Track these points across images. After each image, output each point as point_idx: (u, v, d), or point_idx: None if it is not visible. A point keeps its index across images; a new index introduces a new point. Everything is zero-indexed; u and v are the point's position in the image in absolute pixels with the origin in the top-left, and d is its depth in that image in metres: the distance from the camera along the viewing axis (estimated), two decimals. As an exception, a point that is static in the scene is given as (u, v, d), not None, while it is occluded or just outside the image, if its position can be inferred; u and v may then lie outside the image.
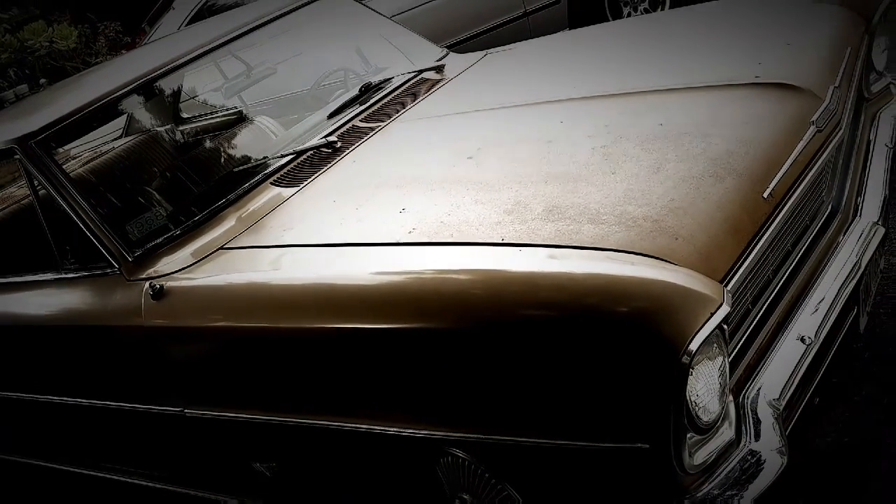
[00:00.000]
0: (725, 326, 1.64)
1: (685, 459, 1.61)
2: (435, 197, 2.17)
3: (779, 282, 2.02)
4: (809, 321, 1.98)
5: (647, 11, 5.87)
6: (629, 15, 5.87)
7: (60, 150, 2.80)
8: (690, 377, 1.56)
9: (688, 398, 1.58)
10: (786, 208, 1.95)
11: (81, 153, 3.96)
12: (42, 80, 6.99)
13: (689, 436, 1.62)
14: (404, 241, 2.01)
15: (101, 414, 2.68)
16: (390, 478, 2.15)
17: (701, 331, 1.55)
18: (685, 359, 1.53)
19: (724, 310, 1.59)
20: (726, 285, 1.71)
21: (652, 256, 1.69)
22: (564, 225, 1.84)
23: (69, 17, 8.82)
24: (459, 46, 5.20)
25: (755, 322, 1.92)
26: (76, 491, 3.38)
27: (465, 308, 1.77)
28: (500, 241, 1.86)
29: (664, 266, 1.66)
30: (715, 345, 1.63)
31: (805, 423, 1.89)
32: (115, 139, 4.10)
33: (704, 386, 1.62)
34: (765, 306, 1.96)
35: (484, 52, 3.37)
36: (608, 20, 5.68)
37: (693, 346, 1.53)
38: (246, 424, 2.23)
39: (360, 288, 1.97)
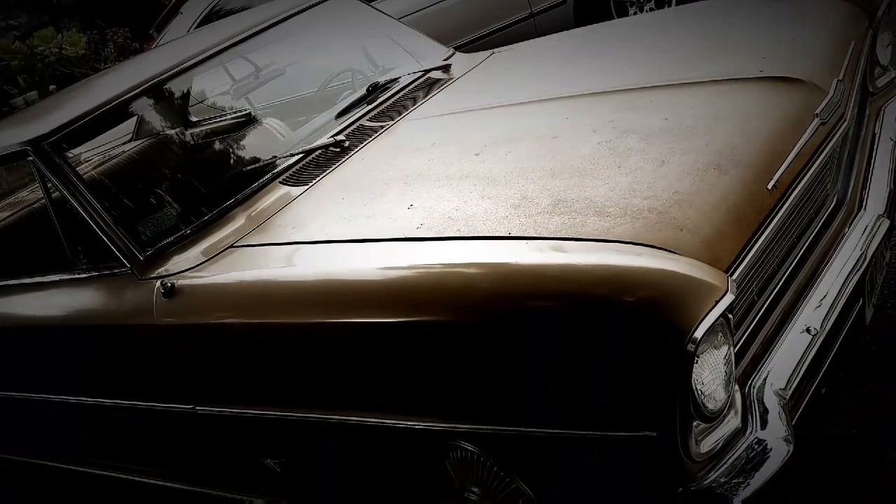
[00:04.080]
0: (731, 316, 1.66)
1: (692, 447, 1.63)
2: (442, 193, 2.19)
3: (784, 273, 2.03)
4: (815, 313, 1.99)
5: (652, 11, 5.89)
6: (635, 14, 5.89)
7: (72, 152, 2.83)
8: (696, 365, 1.58)
9: (694, 386, 1.59)
10: (790, 200, 1.96)
11: (92, 157, 4.00)
12: (52, 87, 7.06)
13: (695, 424, 1.63)
14: (413, 236, 2.03)
15: (114, 413, 2.70)
16: (400, 472, 2.17)
17: (706, 319, 1.56)
18: (690, 347, 1.54)
19: (729, 298, 1.60)
20: (731, 275, 1.72)
21: (657, 247, 1.71)
22: (570, 218, 1.86)
23: (78, 23, 8.89)
24: (466, 47, 5.23)
25: (761, 313, 1.94)
26: (89, 491, 3.40)
27: (473, 301, 1.78)
28: (507, 235, 1.88)
29: (669, 256, 1.68)
30: (720, 334, 1.64)
31: (811, 414, 1.90)
32: (125, 142, 4.14)
33: (710, 374, 1.64)
34: (770, 297, 1.98)
35: (490, 52, 3.39)
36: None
37: (698, 334, 1.55)
38: (256, 420, 2.26)
39: (368, 283, 2.00)
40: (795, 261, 2.08)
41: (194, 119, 4.09)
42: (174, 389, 2.43)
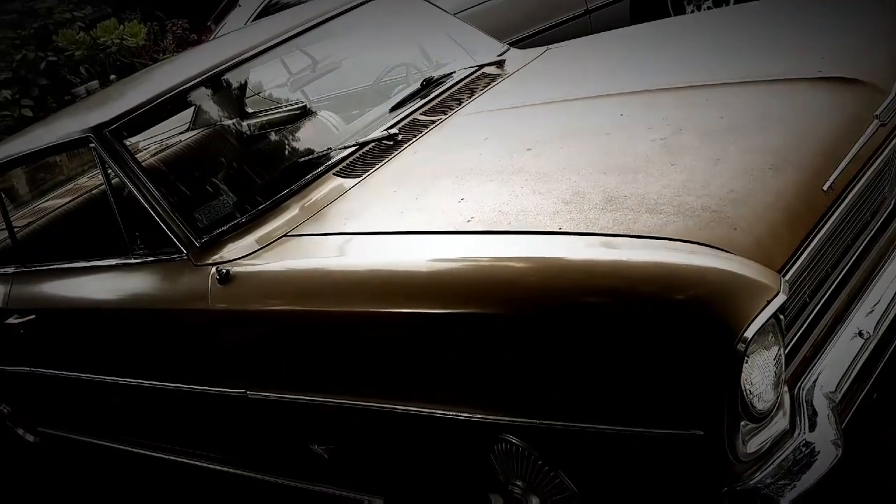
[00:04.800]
0: (782, 316, 1.65)
1: (738, 447, 1.62)
2: (494, 187, 2.21)
3: (837, 276, 2.01)
4: (868, 317, 1.97)
5: (710, 9, 5.81)
6: (692, 13, 5.82)
7: (132, 139, 2.89)
8: (745, 365, 1.57)
9: (742, 386, 1.59)
10: (845, 202, 1.94)
11: (150, 145, 4.09)
12: (112, 77, 7.22)
13: (742, 424, 1.62)
14: (463, 229, 2.05)
15: (167, 396, 2.76)
16: (445, 463, 2.19)
17: (757, 318, 1.55)
18: (740, 346, 1.54)
19: (781, 298, 1.59)
20: (784, 276, 1.71)
21: (709, 246, 1.70)
22: (622, 214, 1.86)
23: (139, 15, 9.07)
24: (521, 44, 5.22)
25: (812, 315, 1.92)
26: (140, 472, 3.48)
27: (523, 295, 1.79)
28: (558, 230, 1.89)
29: (722, 255, 1.67)
30: (771, 334, 1.63)
31: (862, 419, 1.88)
32: (182, 132, 4.22)
33: (760, 374, 1.63)
34: (823, 300, 1.95)
35: (544, 48, 3.38)
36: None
37: (748, 334, 1.54)
38: (305, 406, 2.29)
39: (419, 274, 2.02)
40: (849, 264, 2.05)
41: (251, 110, 4.16)
42: (226, 374, 2.48)
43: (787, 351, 1.79)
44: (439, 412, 1.99)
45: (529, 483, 2.03)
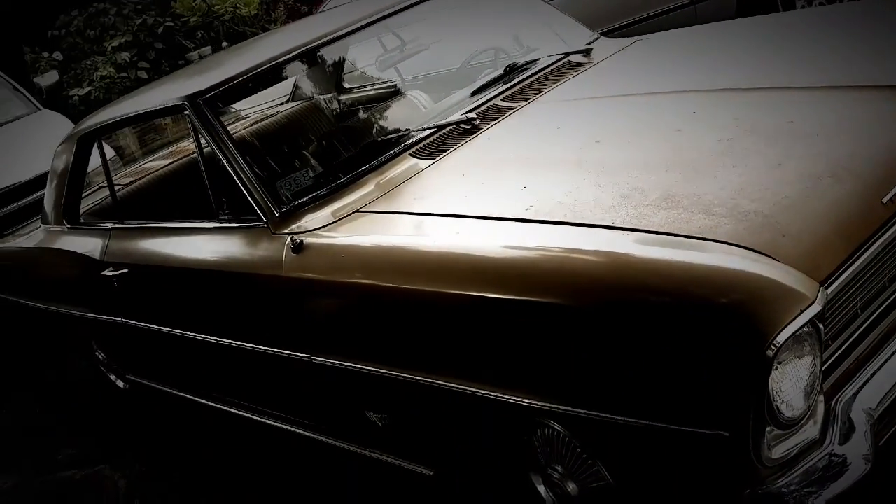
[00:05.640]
0: (821, 326, 1.64)
1: (763, 452, 1.64)
2: (557, 177, 2.24)
3: (893, 292, 1.97)
4: (923, 337, 1.93)
5: (821, 6, 5.63)
6: (803, 8, 5.65)
7: (228, 108, 3.02)
8: (776, 371, 1.58)
9: (770, 391, 1.60)
10: (905, 215, 1.90)
11: (251, 114, 4.26)
12: (224, 44, 7.49)
13: (768, 429, 1.63)
14: (520, 217, 2.09)
15: (240, 355, 2.90)
16: (491, 441, 2.25)
17: (788, 326, 1.56)
18: (770, 352, 1.55)
19: (815, 308, 1.59)
20: (827, 287, 1.70)
21: (755, 251, 1.70)
22: (676, 213, 1.87)
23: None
24: (623, 31, 5.17)
25: (862, 329, 1.89)
26: (215, 424, 3.64)
27: (570, 287, 1.83)
28: (610, 224, 1.91)
29: (764, 260, 1.68)
30: (806, 343, 1.63)
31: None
32: (282, 104, 4.38)
33: (791, 382, 1.63)
34: (875, 314, 1.92)
35: (634, 39, 3.37)
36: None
37: (779, 340, 1.55)
38: (364, 375, 2.38)
39: (471, 258, 2.07)
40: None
41: (348, 86, 4.27)
42: (293, 338, 2.59)
43: (830, 362, 1.79)
44: (488, 393, 2.04)
45: (568, 469, 2.08)
